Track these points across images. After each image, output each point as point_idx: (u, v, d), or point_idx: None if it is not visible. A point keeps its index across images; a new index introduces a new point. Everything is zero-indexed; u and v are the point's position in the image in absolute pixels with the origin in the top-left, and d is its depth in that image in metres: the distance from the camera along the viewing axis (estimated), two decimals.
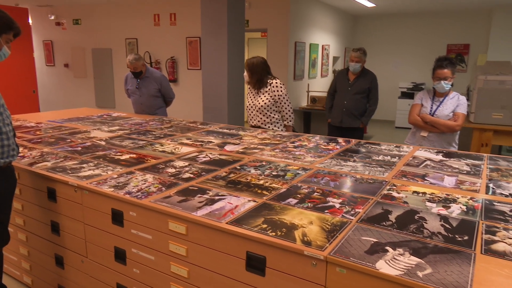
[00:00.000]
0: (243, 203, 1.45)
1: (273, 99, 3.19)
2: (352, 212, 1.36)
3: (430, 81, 2.96)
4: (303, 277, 1.13)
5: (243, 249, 1.24)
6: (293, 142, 2.49)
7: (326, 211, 1.37)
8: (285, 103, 3.24)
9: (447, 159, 2.08)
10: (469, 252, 1.09)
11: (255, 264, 1.22)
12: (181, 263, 1.42)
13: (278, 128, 3.29)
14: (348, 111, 3.93)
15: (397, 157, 2.11)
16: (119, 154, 2.15)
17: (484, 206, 1.42)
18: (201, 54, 4.38)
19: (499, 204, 1.44)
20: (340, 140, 2.58)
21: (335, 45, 8.60)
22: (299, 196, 1.52)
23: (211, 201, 1.47)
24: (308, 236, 1.18)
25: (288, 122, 3.33)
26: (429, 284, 0.94)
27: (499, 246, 1.11)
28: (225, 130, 2.90)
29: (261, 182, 1.69)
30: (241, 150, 2.26)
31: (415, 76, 9.18)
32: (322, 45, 7.66)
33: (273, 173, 1.81)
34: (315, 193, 1.55)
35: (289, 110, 3.28)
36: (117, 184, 1.66)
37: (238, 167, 1.91)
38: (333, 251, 1.09)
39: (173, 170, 1.86)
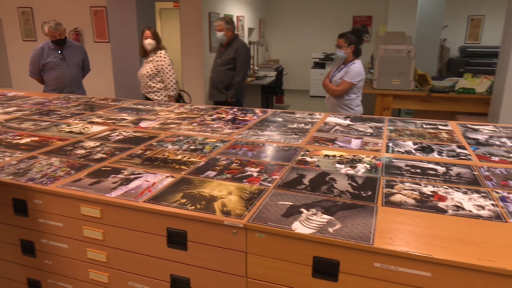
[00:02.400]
0: (161, 179, 1.42)
1: (156, 69, 3.26)
2: (269, 180, 1.41)
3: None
4: (225, 246, 1.16)
5: (163, 226, 1.23)
6: (211, 115, 2.47)
7: (244, 180, 1.41)
8: (167, 73, 3.32)
9: (354, 123, 2.24)
10: (372, 205, 1.20)
11: (176, 239, 1.22)
12: (99, 247, 1.36)
13: (160, 97, 3.38)
14: (214, 84, 3.82)
15: (310, 124, 2.22)
16: (17, 137, 1.95)
17: (385, 163, 1.56)
18: (109, 25, 4.07)
19: (396, 160, 1.60)
20: (257, 110, 2.62)
21: (250, 16, 8.59)
22: (217, 168, 1.53)
23: (127, 181, 1.41)
24: (228, 206, 1.20)
25: (170, 92, 3.40)
26: (339, 238, 1.02)
27: (397, 198, 1.25)
28: (140, 106, 2.77)
29: (179, 157, 1.67)
30: (157, 126, 2.19)
31: (326, 47, 9.60)
32: (237, 16, 7.60)
33: (191, 147, 1.79)
34: (234, 164, 1.57)
35: (171, 81, 3.41)
36: (16, 171, 1.51)
37: (155, 144, 1.86)
38: (251, 218, 1.12)
39: (83, 151, 1.74)
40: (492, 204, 1.21)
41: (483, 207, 1.19)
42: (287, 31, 9.96)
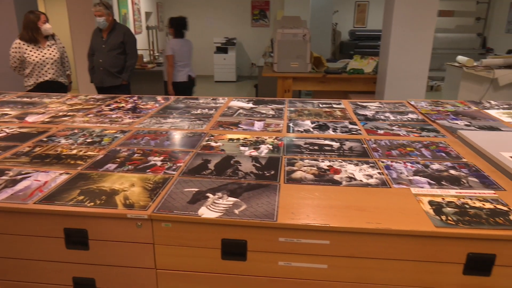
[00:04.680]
0: (54, 178, 1.30)
1: (60, 52, 3.74)
2: (173, 167, 1.38)
3: (241, 36, 3.24)
4: (131, 240, 1.12)
5: (60, 227, 1.13)
6: (108, 105, 2.33)
7: (147, 170, 1.36)
8: (67, 55, 3.82)
9: (256, 106, 2.30)
10: (275, 184, 1.25)
11: (76, 239, 1.13)
12: None
13: (66, 79, 3.85)
14: (106, 70, 3.90)
15: (214, 109, 2.22)
16: None
17: (286, 143, 1.64)
18: None
19: (296, 139, 1.69)
20: (159, 98, 2.54)
21: (146, 0, 8.19)
22: (118, 160, 1.45)
23: (12, 182, 1.26)
24: (131, 199, 1.15)
25: (69, 72, 3.91)
26: (245, 218, 1.05)
27: (297, 174, 1.32)
28: (25, 99, 2.49)
29: (74, 151, 1.54)
30: (47, 120, 1.99)
31: (227, 32, 9.63)
32: (132, 0, 7.19)
33: (88, 141, 1.67)
34: (136, 155, 1.51)
35: (68, 61, 3.86)
36: None
37: (45, 139, 1.69)
38: (156, 208, 1.10)
39: None
40: (379, 173, 1.35)
41: (371, 176, 1.32)
42: (187, 15, 9.74)
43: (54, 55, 3.65)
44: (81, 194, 1.19)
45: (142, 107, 2.29)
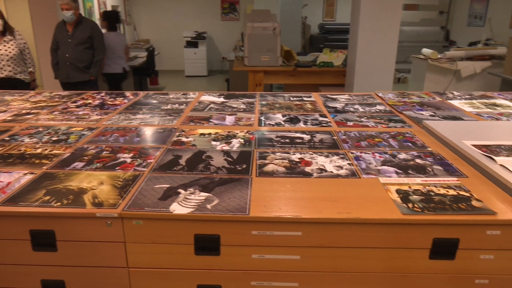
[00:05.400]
0: (18, 178, 1.25)
1: (19, 48, 3.68)
2: (144, 164, 1.36)
3: (211, 30, 3.20)
4: (101, 240, 1.09)
5: (25, 229, 1.09)
6: (75, 102, 2.25)
7: (117, 168, 1.33)
8: (29, 52, 3.78)
9: (228, 100, 2.29)
10: (247, 177, 1.26)
11: (43, 241, 1.10)
12: None
13: (27, 76, 3.78)
14: (73, 65, 3.83)
15: (184, 104, 2.19)
16: None
17: (258, 136, 1.64)
18: None
19: (268, 132, 1.70)
20: (128, 93, 2.48)
21: None
22: (86, 158, 1.42)
23: None
24: (100, 197, 1.12)
25: (31, 69, 3.84)
26: (217, 213, 1.05)
27: (269, 167, 1.33)
28: None
29: (39, 150, 1.49)
30: (9, 118, 1.91)
31: (197, 26, 9.51)
32: None
33: (53, 139, 1.62)
34: (104, 152, 1.47)
35: (30, 57, 3.79)
36: None
37: (7, 138, 1.62)
38: (127, 206, 1.08)
39: None
40: (349, 164, 1.38)
41: (341, 167, 1.35)
42: (156, 9, 9.55)
43: (10, 52, 3.52)
44: (47, 194, 1.15)
45: (110, 103, 2.23)
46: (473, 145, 1.43)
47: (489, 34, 6.05)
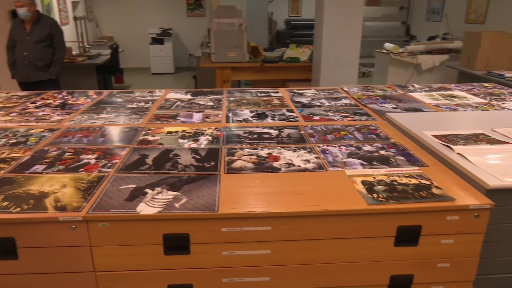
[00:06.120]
0: None
1: None
2: (109, 165, 1.33)
3: (177, 26, 3.13)
4: (65, 245, 1.06)
5: None
6: (34, 102, 2.16)
7: (80, 170, 1.29)
8: None
9: (195, 97, 2.27)
10: (215, 175, 1.25)
11: (2, 249, 1.05)
12: None
13: None
14: (31, 64, 3.69)
15: (150, 102, 2.15)
16: None
17: (225, 133, 1.64)
18: None
19: (236, 129, 1.69)
20: (91, 92, 2.41)
21: None
22: (47, 160, 1.36)
23: None
24: (62, 201, 1.09)
25: None
26: (185, 211, 1.04)
27: (237, 164, 1.33)
28: None
29: None
30: None
31: (162, 22, 9.33)
32: None
33: (11, 141, 1.55)
34: (67, 154, 1.42)
35: None
36: None
37: None
38: (91, 209, 1.05)
39: None
40: (316, 157, 1.40)
41: (309, 161, 1.36)
42: (119, 5, 9.28)
43: None
44: (5, 199, 1.10)
45: (73, 103, 2.16)
46: (433, 135, 1.48)
47: (446, 29, 6.30)
